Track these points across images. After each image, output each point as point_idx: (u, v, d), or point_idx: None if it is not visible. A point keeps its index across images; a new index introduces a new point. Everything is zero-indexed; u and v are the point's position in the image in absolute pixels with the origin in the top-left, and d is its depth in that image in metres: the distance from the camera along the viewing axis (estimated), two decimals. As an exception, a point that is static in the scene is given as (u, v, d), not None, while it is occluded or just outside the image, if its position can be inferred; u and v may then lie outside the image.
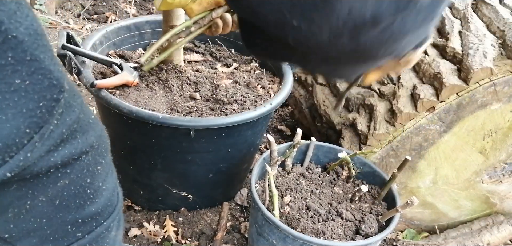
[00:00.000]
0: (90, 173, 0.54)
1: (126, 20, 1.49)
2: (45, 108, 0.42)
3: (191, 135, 1.12)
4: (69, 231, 0.55)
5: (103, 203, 0.59)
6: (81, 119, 0.49)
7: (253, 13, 0.38)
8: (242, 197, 1.50)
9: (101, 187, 0.58)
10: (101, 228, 0.60)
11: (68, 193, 0.52)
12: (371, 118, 1.32)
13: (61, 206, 0.52)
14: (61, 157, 0.47)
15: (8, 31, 0.38)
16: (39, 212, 0.50)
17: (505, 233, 1.39)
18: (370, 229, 1.05)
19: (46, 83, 0.42)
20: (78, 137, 0.49)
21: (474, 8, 1.50)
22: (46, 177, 0.47)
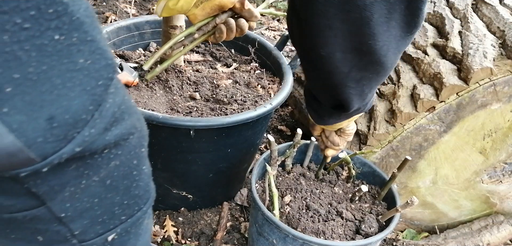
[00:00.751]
0: (136, 155, 0.56)
1: (126, 20, 1.49)
2: (103, 87, 0.45)
3: (191, 135, 1.12)
4: (115, 213, 0.57)
5: (144, 186, 0.61)
6: (126, 101, 0.52)
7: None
8: (242, 197, 1.50)
9: (144, 170, 0.60)
10: (141, 213, 0.62)
11: (118, 174, 0.54)
12: (371, 118, 1.32)
13: (111, 186, 0.54)
14: (114, 136, 0.49)
15: (73, 13, 0.40)
16: (92, 192, 0.52)
17: (505, 233, 1.39)
18: (370, 228, 1.06)
19: (103, 63, 0.44)
20: (125, 117, 0.51)
21: (474, 8, 1.50)
22: (101, 157, 0.49)
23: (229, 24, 1.12)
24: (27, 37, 0.37)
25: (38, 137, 0.40)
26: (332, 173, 1.25)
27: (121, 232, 0.60)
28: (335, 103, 0.82)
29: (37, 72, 0.38)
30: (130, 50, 1.48)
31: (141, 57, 1.44)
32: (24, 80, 0.38)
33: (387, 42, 0.64)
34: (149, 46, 1.54)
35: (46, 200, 0.48)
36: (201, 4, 1.08)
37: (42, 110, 0.39)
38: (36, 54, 0.38)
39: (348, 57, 0.66)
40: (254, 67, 1.51)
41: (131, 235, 0.62)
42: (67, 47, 0.40)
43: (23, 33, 0.36)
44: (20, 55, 0.37)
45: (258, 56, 1.53)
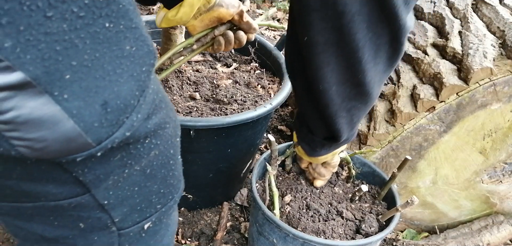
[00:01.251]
0: (173, 144, 0.57)
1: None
2: (146, 73, 0.46)
3: (191, 135, 1.12)
4: (152, 201, 0.58)
5: (178, 176, 0.62)
6: (161, 91, 0.53)
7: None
8: (242, 197, 1.50)
9: (178, 160, 0.62)
10: (173, 202, 0.63)
11: (157, 163, 0.55)
12: (371, 118, 1.32)
13: (150, 175, 0.55)
14: (154, 124, 0.50)
15: (119, 1, 0.41)
16: (133, 180, 0.53)
17: (505, 233, 1.39)
18: (370, 228, 1.06)
19: (146, 49, 0.45)
20: (163, 106, 0.52)
21: (474, 8, 1.51)
22: (142, 147, 0.50)
23: (227, 36, 1.13)
24: (82, 25, 0.38)
25: (95, 122, 0.41)
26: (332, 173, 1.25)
27: (156, 221, 0.61)
28: (327, 134, 0.91)
29: (91, 59, 0.40)
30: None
31: None
32: (81, 67, 0.39)
33: (374, 76, 0.74)
34: (149, 46, 1.54)
35: (91, 187, 0.49)
36: (200, 16, 1.09)
37: (97, 96, 0.41)
38: (90, 42, 0.39)
39: (342, 89, 0.76)
40: (254, 67, 1.51)
41: (162, 224, 0.64)
42: (116, 34, 0.41)
43: (79, 21, 0.38)
44: (77, 42, 0.38)
45: (258, 56, 1.53)
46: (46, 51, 0.36)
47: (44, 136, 0.39)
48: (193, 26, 1.11)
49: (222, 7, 1.09)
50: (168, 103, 0.55)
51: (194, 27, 1.11)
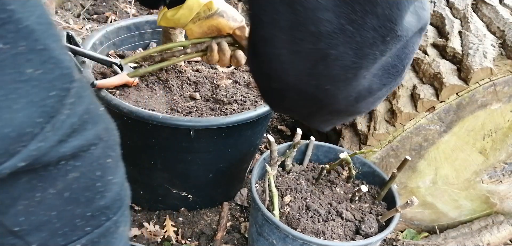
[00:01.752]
0: (100, 166, 0.54)
1: (126, 20, 1.49)
2: (56, 97, 0.42)
3: (191, 135, 1.12)
4: (78, 224, 0.55)
5: (113, 196, 0.59)
6: (91, 110, 0.49)
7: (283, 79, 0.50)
8: (242, 197, 1.50)
9: (111, 181, 0.57)
10: (110, 223, 0.59)
11: (78, 186, 0.51)
12: (371, 118, 1.32)
13: (71, 199, 0.52)
14: (72, 148, 0.47)
15: (20, 21, 0.38)
16: (49, 205, 0.50)
17: (505, 233, 1.39)
18: (370, 229, 1.05)
19: (57, 73, 0.42)
20: (88, 127, 0.49)
21: (474, 8, 1.50)
22: (56, 169, 0.47)
23: (221, 47, 1.09)
24: None
25: None
26: (332, 173, 1.25)
27: (87, 243, 0.57)
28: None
29: None
30: (130, 50, 1.48)
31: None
32: None
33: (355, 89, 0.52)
34: (149, 46, 1.54)
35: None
36: (199, 21, 1.07)
37: None
38: None
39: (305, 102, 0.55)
40: (254, 67, 1.51)
41: (100, 245, 0.60)
42: (12, 56, 0.38)
43: None
44: None
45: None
46: None
47: None
48: (190, 30, 1.09)
49: (222, 18, 1.07)
50: (100, 123, 0.51)
51: (191, 31, 1.10)
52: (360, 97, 0.52)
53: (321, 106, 0.54)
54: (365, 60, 0.46)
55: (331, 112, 0.57)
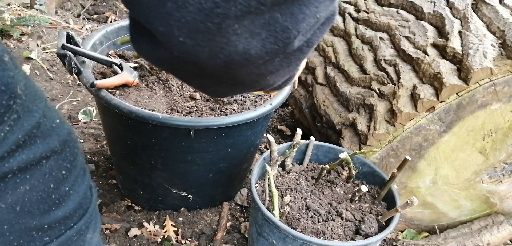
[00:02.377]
0: (53, 178, 0.53)
1: (126, 20, 1.49)
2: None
3: (191, 135, 1.12)
4: (34, 236, 0.54)
5: (72, 206, 0.58)
6: (42, 124, 0.48)
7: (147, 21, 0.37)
8: (242, 197, 1.50)
9: (68, 192, 0.57)
10: (72, 231, 0.59)
11: (30, 199, 0.51)
12: (371, 118, 1.32)
13: (23, 212, 0.51)
14: (18, 162, 0.46)
15: None
16: (0, 219, 0.49)
17: (505, 233, 1.39)
18: (370, 229, 1.05)
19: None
20: (37, 141, 0.48)
21: (474, 8, 1.50)
22: (3, 183, 0.47)
23: None
24: None
25: None
26: (332, 173, 1.25)
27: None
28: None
29: None
30: (130, 50, 1.48)
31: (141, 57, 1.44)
32: None
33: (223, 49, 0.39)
34: (149, 46, 1.54)
35: None
36: None
37: None
38: None
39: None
40: (254, 67, 1.51)
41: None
42: None
43: None
44: None
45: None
46: None
47: None
48: None
49: None
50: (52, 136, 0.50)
51: None
52: (232, 62, 0.39)
53: (183, 65, 0.41)
54: (233, 4, 0.34)
55: (200, 75, 0.43)
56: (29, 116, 0.46)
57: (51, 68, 2.10)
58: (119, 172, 1.41)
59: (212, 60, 0.38)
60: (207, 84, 0.47)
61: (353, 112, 1.40)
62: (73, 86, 2.03)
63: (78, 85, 2.03)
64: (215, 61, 0.38)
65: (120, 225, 1.32)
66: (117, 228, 1.31)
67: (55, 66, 2.13)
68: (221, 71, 0.40)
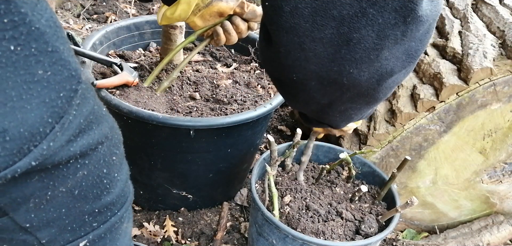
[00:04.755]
0: (106, 163, 0.55)
1: (126, 20, 1.49)
2: (65, 98, 0.44)
3: (191, 135, 1.12)
4: (86, 221, 0.57)
5: (118, 193, 0.60)
6: (96, 111, 0.51)
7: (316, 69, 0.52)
8: (242, 197, 1.50)
9: (116, 177, 0.59)
10: (115, 218, 0.61)
11: (86, 184, 0.53)
12: (371, 118, 1.32)
13: (79, 196, 0.53)
14: (80, 147, 0.48)
15: (31, 23, 0.39)
16: (59, 202, 0.51)
17: (505, 233, 1.39)
18: (370, 229, 1.05)
19: (65, 74, 0.43)
20: (94, 127, 0.50)
21: (474, 8, 1.50)
22: (66, 168, 0.49)
23: (226, 28, 1.11)
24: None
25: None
26: (332, 173, 1.25)
27: (94, 239, 0.59)
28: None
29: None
30: (130, 50, 1.48)
31: (141, 57, 1.44)
32: None
33: (378, 71, 0.52)
34: (149, 46, 1.54)
35: (9, 210, 0.47)
36: (200, 12, 1.08)
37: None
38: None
39: (327, 89, 0.55)
40: (254, 67, 1.51)
41: (106, 240, 0.62)
42: (24, 58, 0.39)
43: None
44: None
45: (258, 56, 1.53)
46: None
47: None
48: (193, 22, 1.10)
49: (221, 1, 1.08)
50: (104, 123, 0.53)
51: (194, 23, 1.11)
52: (381, 79, 0.53)
53: (342, 92, 0.55)
54: (387, 41, 0.47)
55: (351, 99, 0.57)
56: (86, 102, 0.48)
57: (51, 68, 2.10)
58: (119, 172, 1.41)
59: (367, 82, 0.53)
60: (347, 107, 0.61)
61: (353, 112, 1.40)
62: (73, 86, 2.03)
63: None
64: (370, 81, 0.53)
65: (120, 225, 1.32)
66: (117, 228, 1.31)
67: (55, 66, 2.13)
68: (370, 89, 0.55)
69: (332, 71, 0.51)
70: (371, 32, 0.46)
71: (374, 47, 0.48)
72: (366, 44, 0.47)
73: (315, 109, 0.64)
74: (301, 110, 0.72)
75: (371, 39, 0.47)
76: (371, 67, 0.51)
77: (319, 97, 0.57)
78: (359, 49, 0.48)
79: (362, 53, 0.48)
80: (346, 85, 0.53)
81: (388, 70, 0.52)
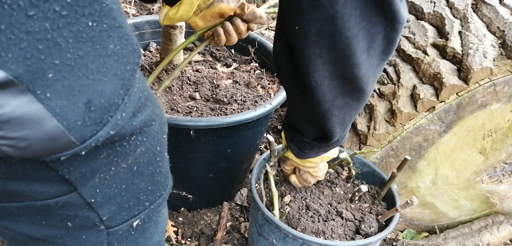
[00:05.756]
0: (159, 141, 0.57)
1: (126, 20, 1.49)
2: (130, 71, 0.46)
3: (191, 135, 1.12)
4: (140, 199, 0.58)
5: (165, 173, 0.63)
6: (147, 88, 0.53)
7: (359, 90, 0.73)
8: (242, 197, 1.50)
9: (165, 157, 0.62)
10: (161, 199, 0.63)
11: (144, 160, 0.55)
12: (371, 118, 1.32)
13: (137, 173, 0.55)
14: (140, 122, 0.50)
15: (103, 0, 0.41)
16: (120, 178, 0.53)
17: (505, 233, 1.39)
18: (370, 228, 1.05)
19: (130, 49, 0.46)
20: (148, 104, 0.52)
21: (474, 8, 1.50)
22: (128, 144, 0.51)
23: (226, 28, 1.12)
24: (64, 24, 0.38)
25: (78, 120, 0.42)
26: (332, 173, 1.25)
27: (144, 218, 0.61)
28: (318, 134, 0.87)
29: (74, 58, 0.40)
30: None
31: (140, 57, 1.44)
32: (64, 66, 0.39)
33: (367, 70, 0.70)
34: (149, 46, 1.54)
35: (78, 186, 0.49)
36: (201, 13, 1.10)
37: (80, 94, 0.41)
38: (73, 41, 0.39)
39: (334, 84, 0.71)
40: (254, 67, 1.51)
41: (152, 222, 0.64)
42: (99, 33, 0.41)
43: (61, 20, 0.38)
44: (60, 41, 0.38)
45: (258, 56, 1.53)
46: (28, 50, 0.36)
47: (27, 135, 0.39)
48: (195, 23, 1.11)
49: (222, 2, 1.09)
50: (154, 101, 0.55)
51: (196, 23, 1.12)
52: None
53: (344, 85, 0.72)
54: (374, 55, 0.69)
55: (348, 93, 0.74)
56: (142, 78, 0.51)
57: (51, 68, 2.11)
58: (119, 172, 1.41)
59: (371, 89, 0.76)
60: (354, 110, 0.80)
61: (353, 112, 1.40)
62: (73, 86, 2.03)
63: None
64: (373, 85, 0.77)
65: (120, 225, 1.32)
66: (117, 228, 1.31)
67: (55, 66, 2.13)
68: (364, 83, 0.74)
69: (341, 70, 0.68)
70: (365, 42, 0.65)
71: (366, 52, 0.67)
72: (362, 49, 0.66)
73: (323, 109, 0.76)
74: (308, 117, 0.83)
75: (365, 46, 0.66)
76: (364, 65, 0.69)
77: (328, 92, 0.72)
78: (359, 53, 0.66)
79: (360, 57, 0.66)
80: (348, 79, 0.70)
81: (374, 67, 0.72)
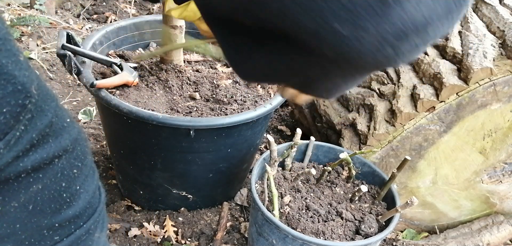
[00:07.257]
0: (65, 177, 0.53)
1: (126, 20, 1.49)
2: (9, 114, 0.41)
3: (191, 135, 1.12)
4: (45, 235, 0.54)
5: (82, 205, 0.58)
6: (54, 123, 0.49)
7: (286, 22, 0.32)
8: (242, 197, 1.50)
9: (79, 191, 0.57)
10: (81, 231, 0.59)
11: (42, 198, 0.51)
12: (371, 118, 1.32)
13: (35, 211, 0.51)
14: (32, 162, 0.46)
15: None
16: (13, 217, 0.49)
17: (505, 233, 1.39)
18: (370, 229, 1.05)
19: (9, 89, 0.41)
20: (50, 141, 0.48)
21: (474, 8, 1.50)
22: (17, 183, 0.47)
23: None
24: None
25: None
26: (333, 173, 1.25)
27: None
28: None
29: None
30: (130, 50, 1.48)
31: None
32: None
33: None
34: (149, 46, 1.54)
35: None
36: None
37: None
38: None
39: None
40: (254, 67, 1.51)
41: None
42: None
43: None
44: None
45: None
46: None
47: None
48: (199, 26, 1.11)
49: None
50: (64, 135, 0.51)
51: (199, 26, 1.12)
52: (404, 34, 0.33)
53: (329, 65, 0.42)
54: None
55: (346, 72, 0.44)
56: (42, 115, 0.46)
57: (51, 68, 2.10)
58: (119, 172, 1.41)
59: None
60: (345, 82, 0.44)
61: (353, 112, 1.40)
62: (73, 86, 2.03)
63: (78, 85, 2.03)
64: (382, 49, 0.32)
65: (120, 225, 1.32)
66: (117, 228, 1.31)
67: (55, 66, 2.13)
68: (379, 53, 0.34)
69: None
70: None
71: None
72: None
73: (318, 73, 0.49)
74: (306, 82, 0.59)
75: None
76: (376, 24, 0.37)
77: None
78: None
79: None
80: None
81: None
